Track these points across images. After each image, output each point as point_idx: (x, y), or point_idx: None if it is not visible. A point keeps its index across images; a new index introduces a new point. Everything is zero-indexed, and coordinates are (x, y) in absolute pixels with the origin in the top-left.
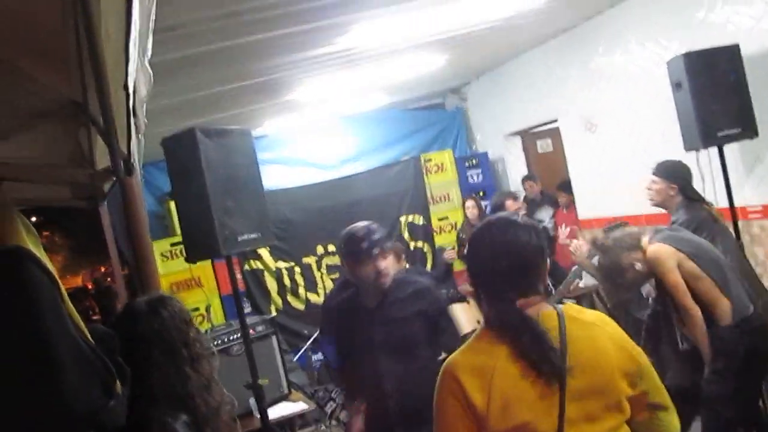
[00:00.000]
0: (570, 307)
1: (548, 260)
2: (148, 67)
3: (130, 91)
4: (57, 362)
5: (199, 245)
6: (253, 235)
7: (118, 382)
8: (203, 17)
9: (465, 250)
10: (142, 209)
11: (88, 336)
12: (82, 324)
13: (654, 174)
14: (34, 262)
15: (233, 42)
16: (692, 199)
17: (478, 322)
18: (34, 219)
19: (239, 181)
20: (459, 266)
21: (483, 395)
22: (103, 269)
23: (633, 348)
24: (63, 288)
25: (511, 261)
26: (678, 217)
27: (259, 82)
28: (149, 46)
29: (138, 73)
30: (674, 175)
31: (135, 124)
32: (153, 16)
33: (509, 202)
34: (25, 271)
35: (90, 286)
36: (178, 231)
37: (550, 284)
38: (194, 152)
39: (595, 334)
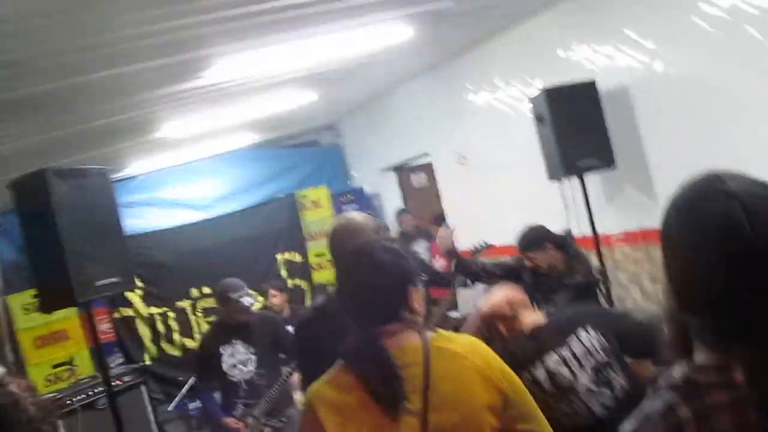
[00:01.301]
0: (439, 336)
1: (419, 287)
2: None
3: None
4: None
5: (53, 293)
6: (112, 279)
7: None
8: (51, 51)
9: None
10: None
11: None
12: None
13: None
14: None
15: (87, 78)
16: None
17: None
18: None
19: (97, 224)
20: None
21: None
22: None
23: (500, 378)
24: None
25: (369, 285)
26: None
27: (121, 120)
28: None
29: None
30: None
31: None
32: None
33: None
34: None
35: None
36: None
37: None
38: (45, 194)
39: (461, 365)
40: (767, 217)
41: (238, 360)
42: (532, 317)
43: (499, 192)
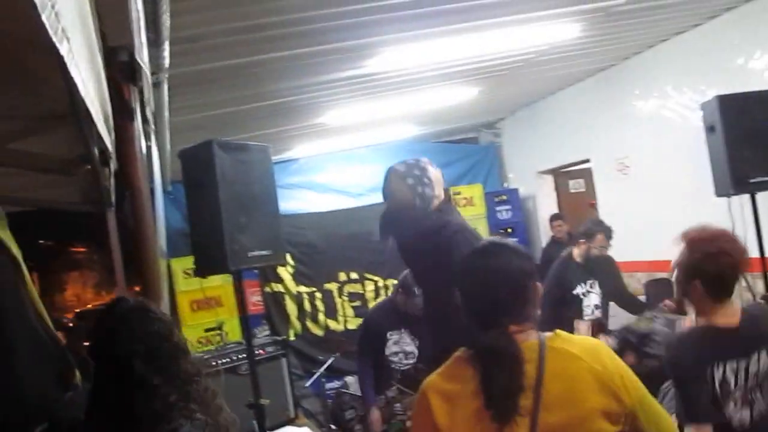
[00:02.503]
0: (556, 337)
1: (539, 287)
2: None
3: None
4: (7, 343)
5: (208, 259)
6: (264, 252)
7: (77, 373)
8: (224, 29)
9: None
10: (149, 220)
11: (50, 325)
12: (45, 313)
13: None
14: None
15: (255, 58)
16: None
17: None
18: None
19: (254, 197)
20: None
21: (448, 421)
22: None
23: (619, 384)
24: (27, 273)
25: (491, 285)
26: None
27: (284, 103)
28: (165, 55)
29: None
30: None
31: (145, 130)
32: (166, 23)
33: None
34: None
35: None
36: None
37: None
38: (210, 165)
39: (576, 366)
40: None
41: (402, 349)
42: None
43: (659, 204)
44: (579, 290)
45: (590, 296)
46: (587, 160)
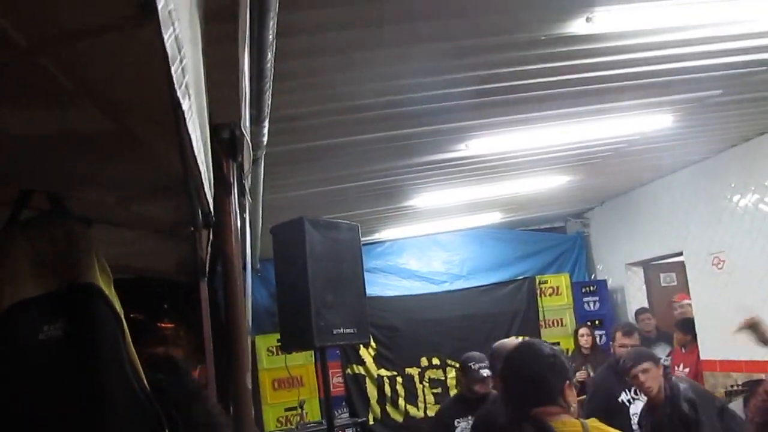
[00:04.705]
0: (594, 421)
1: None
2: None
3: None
4: (106, 399)
5: (294, 334)
6: (349, 330)
7: None
8: (321, 110)
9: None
10: (240, 293)
11: (145, 382)
12: (141, 370)
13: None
14: (103, 299)
15: (349, 139)
16: None
17: None
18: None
19: (341, 275)
20: None
21: None
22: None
23: None
24: (127, 331)
25: (531, 373)
26: None
27: (375, 184)
28: (264, 132)
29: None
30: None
31: (241, 205)
32: (268, 101)
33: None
34: (93, 307)
35: None
36: None
37: None
38: (300, 241)
39: None
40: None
41: None
42: None
43: (756, 302)
44: None
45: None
46: (680, 253)
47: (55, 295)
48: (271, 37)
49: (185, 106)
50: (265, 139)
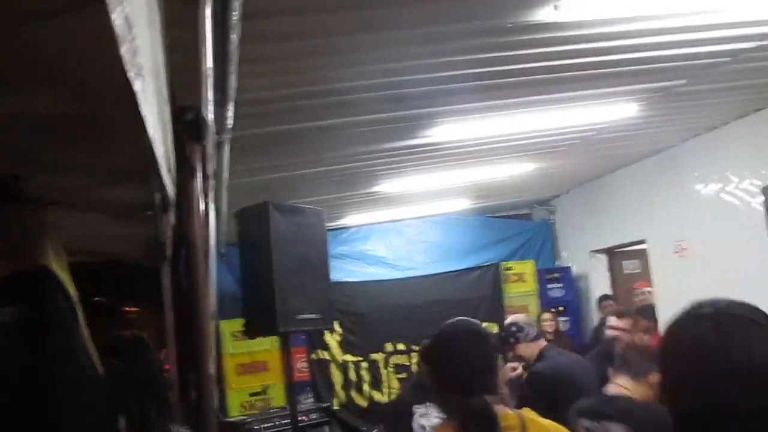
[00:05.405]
0: (527, 411)
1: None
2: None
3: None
4: (57, 382)
5: (258, 320)
6: (313, 316)
7: (122, 419)
8: (287, 94)
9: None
10: (203, 278)
11: (98, 366)
12: (95, 354)
13: None
14: (57, 282)
15: (315, 124)
16: None
17: None
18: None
19: (306, 260)
20: None
21: None
22: None
23: None
24: (81, 314)
25: (480, 358)
26: None
27: (340, 169)
28: (229, 115)
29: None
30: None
31: (204, 189)
32: (233, 84)
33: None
34: (46, 290)
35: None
36: None
37: None
38: (265, 226)
39: None
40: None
41: (428, 423)
42: None
43: (719, 290)
44: None
45: None
46: (643, 241)
47: (8, 279)
48: (235, 19)
49: (137, 87)
50: (231, 122)
